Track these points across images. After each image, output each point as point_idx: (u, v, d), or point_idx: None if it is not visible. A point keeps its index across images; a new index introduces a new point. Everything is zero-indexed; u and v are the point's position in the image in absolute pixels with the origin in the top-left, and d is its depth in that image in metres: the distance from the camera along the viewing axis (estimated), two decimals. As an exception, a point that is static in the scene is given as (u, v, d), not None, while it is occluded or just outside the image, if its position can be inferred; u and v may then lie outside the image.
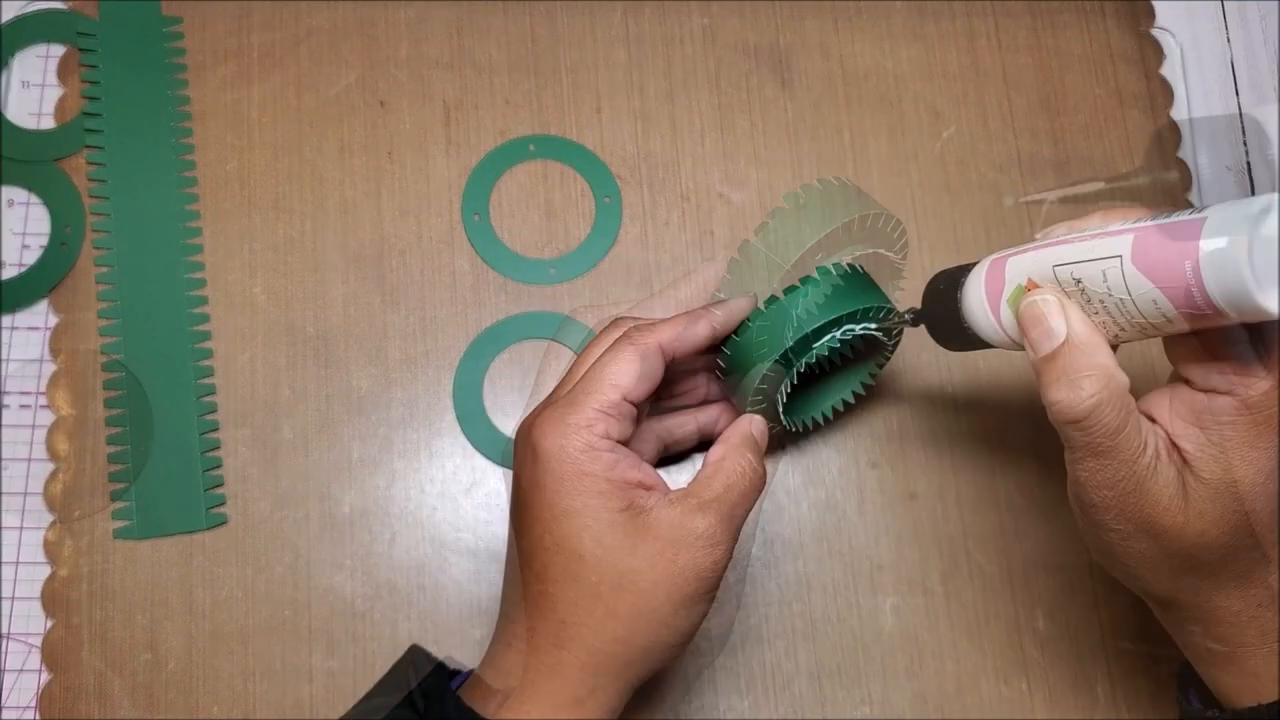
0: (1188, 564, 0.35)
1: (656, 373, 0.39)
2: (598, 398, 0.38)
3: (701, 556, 0.37)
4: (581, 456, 0.37)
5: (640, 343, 0.39)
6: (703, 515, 0.37)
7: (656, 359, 0.39)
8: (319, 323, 0.51)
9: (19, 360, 0.50)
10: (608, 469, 0.37)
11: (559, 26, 0.55)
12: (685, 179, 0.54)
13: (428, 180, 0.53)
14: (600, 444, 0.37)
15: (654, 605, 0.36)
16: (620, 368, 0.38)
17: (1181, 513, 0.33)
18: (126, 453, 0.49)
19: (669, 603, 0.37)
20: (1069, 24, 0.56)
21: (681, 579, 0.36)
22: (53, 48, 0.54)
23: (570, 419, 0.37)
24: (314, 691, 0.47)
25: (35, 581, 0.48)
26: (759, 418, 0.41)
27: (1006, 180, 0.54)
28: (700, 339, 0.40)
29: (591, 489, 0.37)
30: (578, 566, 0.37)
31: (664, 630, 0.37)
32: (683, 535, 0.37)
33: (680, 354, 0.40)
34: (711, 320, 0.40)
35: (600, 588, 0.36)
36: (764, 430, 0.41)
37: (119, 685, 0.47)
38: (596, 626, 0.36)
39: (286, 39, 0.55)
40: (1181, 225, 0.31)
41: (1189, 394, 0.34)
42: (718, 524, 0.37)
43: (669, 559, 0.36)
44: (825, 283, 0.40)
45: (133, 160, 0.52)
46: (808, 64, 0.55)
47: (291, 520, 0.49)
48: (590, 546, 0.36)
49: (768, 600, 0.49)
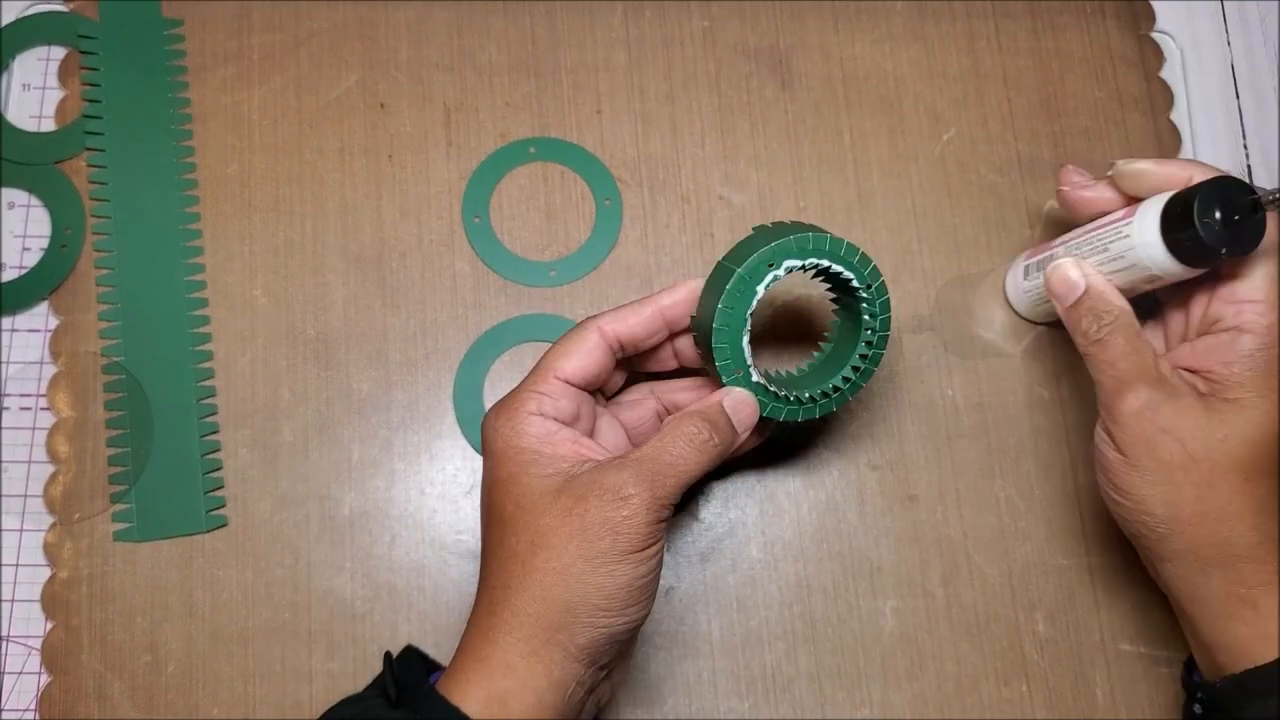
0: (1215, 484, 0.38)
1: (595, 352, 0.41)
2: (533, 379, 0.40)
3: (610, 510, 0.37)
4: (511, 432, 0.39)
5: (581, 327, 0.41)
6: (617, 470, 0.37)
7: (594, 339, 0.41)
8: (319, 325, 0.51)
9: (19, 362, 0.50)
10: (536, 442, 0.39)
11: (559, 28, 0.55)
12: (685, 181, 0.54)
13: (428, 182, 0.53)
14: (529, 420, 0.39)
15: (566, 561, 0.37)
16: (557, 350, 0.41)
17: (1205, 419, 0.38)
18: (127, 455, 0.49)
19: (582, 558, 0.37)
20: (1069, 26, 0.56)
21: (591, 533, 0.37)
22: (53, 50, 0.54)
23: (505, 401, 0.40)
24: (314, 693, 0.47)
25: (35, 583, 0.48)
26: (739, 390, 0.41)
27: (1006, 182, 0.54)
28: (647, 320, 0.41)
29: (517, 459, 0.38)
30: (501, 531, 0.38)
31: (583, 588, 0.37)
32: (592, 488, 0.37)
33: (630, 337, 0.41)
34: (658, 303, 0.42)
35: (518, 548, 0.37)
36: (742, 402, 0.41)
37: (119, 687, 0.47)
38: (517, 588, 0.37)
39: (287, 41, 0.55)
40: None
41: (1210, 339, 0.40)
42: (631, 479, 0.37)
43: (579, 514, 0.37)
44: (756, 232, 0.42)
45: (133, 162, 0.52)
46: (808, 66, 0.55)
47: (291, 522, 0.49)
48: (512, 510, 0.38)
49: (768, 602, 0.49)
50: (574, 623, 0.37)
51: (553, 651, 0.37)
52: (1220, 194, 0.40)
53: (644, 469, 0.38)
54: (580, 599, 0.37)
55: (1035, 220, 0.54)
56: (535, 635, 0.37)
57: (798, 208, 0.53)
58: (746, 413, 0.41)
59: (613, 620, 0.37)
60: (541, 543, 0.37)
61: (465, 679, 0.37)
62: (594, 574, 0.37)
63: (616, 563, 0.37)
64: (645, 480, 0.37)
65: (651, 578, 0.38)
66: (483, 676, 0.36)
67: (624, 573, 0.37)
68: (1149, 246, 0.42)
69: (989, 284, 0.53)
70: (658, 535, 0.38)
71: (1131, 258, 0.42)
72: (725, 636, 0.48)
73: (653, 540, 0.37)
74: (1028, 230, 0.53)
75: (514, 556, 0.37)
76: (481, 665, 0.37)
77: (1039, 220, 0.54)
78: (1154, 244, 0.41)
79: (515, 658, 0.36)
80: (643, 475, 0.37)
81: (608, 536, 0.37)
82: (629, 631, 0.38)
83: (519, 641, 0.37)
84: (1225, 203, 0.40)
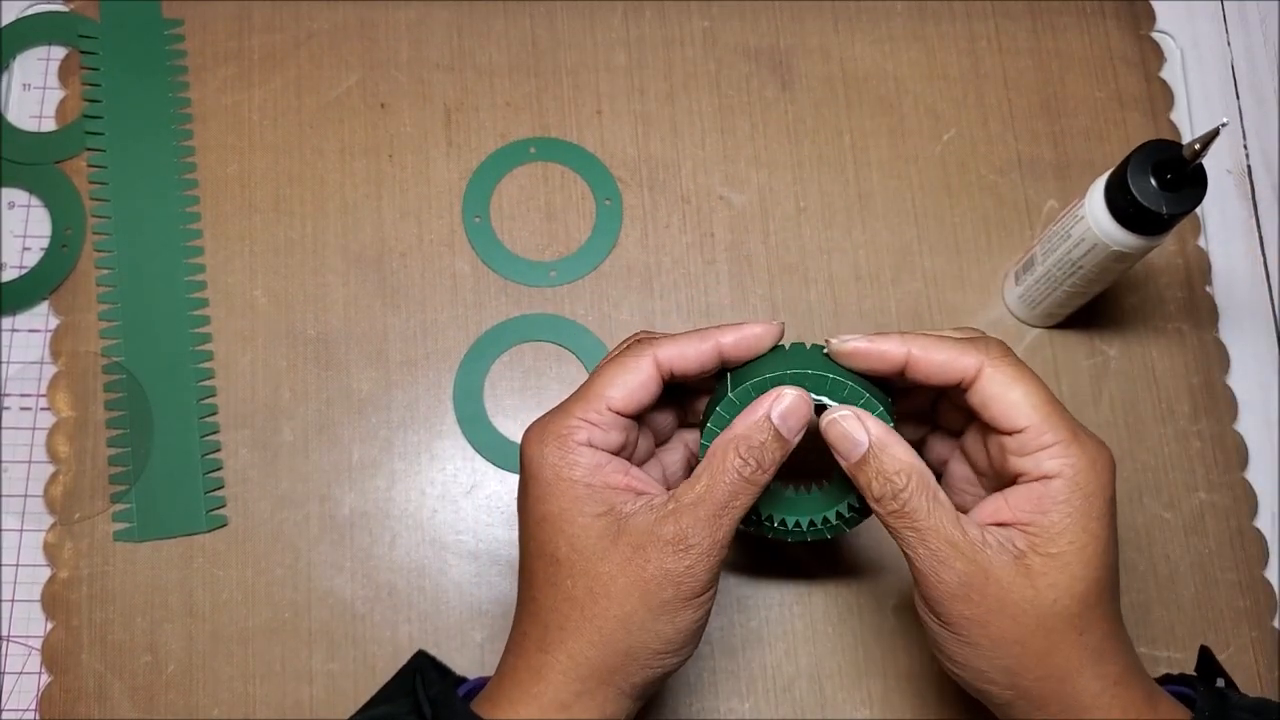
0: (1053, 647, 0.35)
1: (650, 384, 0.38)
2: (583, 405, 0.38)
3: (672, 561, 0.35)
4: (559, 462, 0.37)
5: (637, 354, 0.38)
6: (675, 519, 0.36)
7: (650, 371, 0.38)
8: (319, 325, 0.51)
9: (19, 362, 0.50)
10: (587, 474, 0.37)
11: (559, 29, 0.55)
12: (686, 181, 0.54)
13: (428, 182, 0.53)
14: (580, 450, 0.37)
15: (628, 611, 0.36)
16: (610, 377, 0.38)
17: (1031, 586, 0.35)
18: (127, 455, 0.49)
19: (644, 609, 0.36)
20: (1069, 26, 0.57)
21: (654, 584, 0.36)
22: (54, 50, 0.54)
23: (553, 426, 0.38)
24: (314, 693, 0.47)
25: (35, 584, 0.48)
26: (789, 394, 0.38)
27: (1007, 183, 0.54)
28: (704, 355, 0.39)
29: (568, 494, 0.37)
30: (555, 571, 0.37)
31: (644, 635, 0.36)
32: (652, 539, 0.36)
33: (683, 370, 0.39)
34: (719, 339, 0.39)
35: (575, 593, 0.36)
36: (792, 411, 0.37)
37: (119, 687, 0.47)
38: (574, 631, 0.36)
39: (287, 41, 0.55)
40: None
41: (1021, 489, 0.37)
42: (691, 527, 0.36)
43: (639, 564, 0.36)
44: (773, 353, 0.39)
45: (133, 162, 0.52)
46: (808, 66, 0.55)
47: (292, 522, 0.49)
48: (565, 551, 0.37)
49: (768, 602, 0.49)
50: (631, 664, 0.36)
51: (607, 691, 0.36)
52: (1150, 156, 0.41)
53: (700, 514, 0.36)
54: (641, 645, 0.36)
55: (1035, 220, 0.54)
56: (591, 677, 0.36)
57: (798, 208, 0.53)
58: (797, 419, 0.37)
59: (668, 660, 0.37)
60: (601, 591, 0.36)
61: (514, 711, 0.36)
62: (655, 622, 0.36)
63: (678, 610, 0.36)
64: (704, 526, 0.36)
65: (707, 615, 0.37)
66: (534, 711, 0.36)
67: (685, 618, 0.36)
68: (1100, 222, 0.43)
69: (988, 284, 0.53)
70: (718, 573, 0.37)
71: (1091, 238, 0.43)
72: (725, 636, 0.48)
73: (714, 581, 0.37)
74: (1027, 230, 0.53)
75: (570, 600, 0.36)
76: (533, 701, 0.36)
77: (1039, 220, 0.54)
78: (1103, 218, 0.43)
79: (569, 696, 0.36)
80: (699, 520, 0.36)
81: (670, 587, 0.36)
82: (680, 665, 0.38)
83: (574, 681, 0.36)
84: (1157, 164, 0.41)
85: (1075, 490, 0.36)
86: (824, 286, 0.52)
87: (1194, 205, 0.41)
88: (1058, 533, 0.35)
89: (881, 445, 0.37)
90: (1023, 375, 0.37)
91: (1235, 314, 0.53)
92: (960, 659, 0.37)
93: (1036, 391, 0.36)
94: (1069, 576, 0.35)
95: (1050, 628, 0.35)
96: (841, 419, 0.37)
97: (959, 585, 0.35)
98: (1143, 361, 0.52)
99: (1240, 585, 0.49)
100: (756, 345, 0.39)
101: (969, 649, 0.36)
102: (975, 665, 0.36)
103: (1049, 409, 0.36)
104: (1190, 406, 0.51)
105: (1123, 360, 0.52)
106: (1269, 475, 0.51)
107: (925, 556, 0.36)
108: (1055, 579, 0.35)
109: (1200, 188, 0.41)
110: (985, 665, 0.36)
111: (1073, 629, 0.36)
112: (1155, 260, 0.53)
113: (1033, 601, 0.35)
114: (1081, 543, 0.35)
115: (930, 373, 0.37)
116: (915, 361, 0.37)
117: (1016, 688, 0.36)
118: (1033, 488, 0.36)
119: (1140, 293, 0.53)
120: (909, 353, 0.37)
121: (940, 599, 0.36)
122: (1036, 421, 0.36)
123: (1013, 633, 0.35)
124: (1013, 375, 0.37)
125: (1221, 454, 0.51)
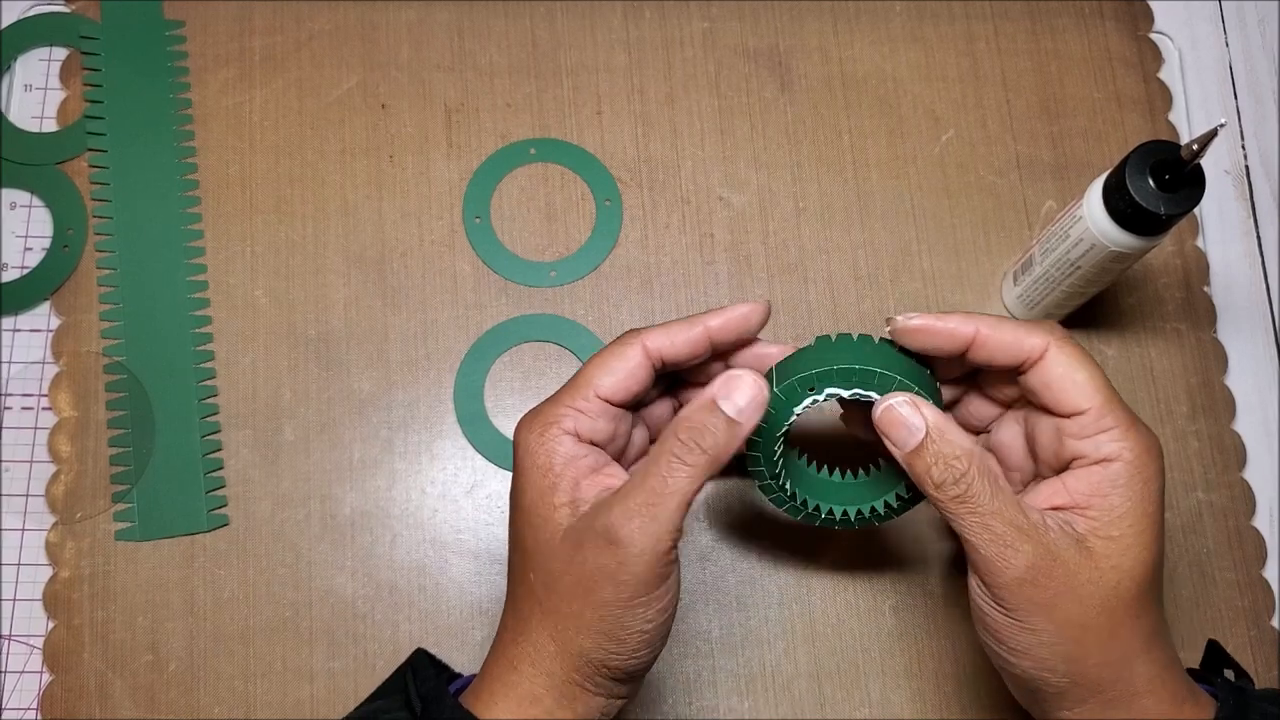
0: (1115, 632, 0.35)
1: (639, 372, 0.38)
2: (572, 393, 0.38)
3: (605, 556, 0.34)
4: (538, 450, 0.37)
5: (625, 342, 0.38)
6: (606, 510, 0.35)
7: (638, 359, 0.38)
8: (320, 325, 0.51)
9: (21, 362, 0.50)
10: (565, 463, 0.36)
11: (559, 29, 0.55)
12: (685, 182, 0.54)
13: (429, 183, 0.53)
14: (561, 439, 0.37)
15: (575, 610, 0.35)
16: (599, 365, 0.38)
17: (1095, 568, 0.35)
18: (128, 454, 0.49)
19: (589, 609, 0.35)
20: (1068, 27, 0.57)
21: (593, 582, 0.35)
22: (55, 51, 0.54)
23: (540, 414, 0.38)
24: (315, 692, 0.47)
25: (37, 583, 0.48)
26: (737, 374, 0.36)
27: (1005, 183, 0.54)
28: (693, 339, 0.39)
29: (542, 484, 0.36)
30: (523, 562, 0.37)
31: (594, 635, 0.35)
32: (588, 533, 0.35)
33: (674, 357, 0.39)
34: (706, 322, 0.39)
35: (535, 586, 0.36)
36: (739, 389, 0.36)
37: (120, 686, 0.47)
38: (537, 625, 0.36)
39: (288, 42, 0.55)
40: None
41: (1080, 472, 0.36)
42: (620, 518, 0.34)
43: (579, 560, 0.35)
44: (817, 343, 0.39)
45: (135, 163, 0.53)
46: (807, 67, 0.56)
47: (293, 521, 0.49)
48: (531, 543, 0.37)
49: (767, 602, 0.49)
50: (588, 665, 0.36)
51: (573, 689, 0.36)
52: (1148, 157, 0.41)
53: (631, 504, 0.34)
54: (593, 646, 0.35)
55: (1034, 221, 0.54)
56: (556, 672, 0.36)
57: (797, 208, 0.53)
58: (747, 399, 0.36)
59: (626, 661, 0.36)
60: (554, 586, 0.36)
61: (493, 700, 0.36)
62: (601, 622, 0.35)
63: (622, 610, 0.35)
64: (635, 516, 0.34)
65: (664, 619, 0.36)
66: (511, 703, 0.36)
67: (632, 620, 0.35)
68: (1098, 222, 0.43)
69: (987, 284, 0.53)
70: (665, 572, 0.35)
71: (1089, 239, 0.44)
72: (725, 636, 0.48)
73: (660, 580, 0.35)
74: (1026, 231, 0.54)
75: (532, 594, 0.36)
76: (510, 691, 0.36)
77: (1037, 221, 0.54)
78: (1101, 218, 0.43)
79: (540, 689, 0.36)
80: (631, 512, 0.34)
81: (608, 585, 0.34)
82: (648, 665, 0.37)
83: (542, 675, 0.36)
84: (1156, 165, 0.41)
85: (1136, 474, 0.35)
86: (823, 286, 0.53)
87: (1192, 206, 0.41)
88: (1119, 515, 0.35)
89: (939, 431, 0.36)
90: (1086, 359, 0.37)
91: (1233, 314, 0.53)
92: (1022, 647, 0.36)
93: (1099, 375, 0.37)
94: (1131, 559, 0.35)
95: (1113, 609, 0.35)
96: (897, 404, 0.37)
97: (1027, 570, 0.35)
98: (1141, 361, 0.52)
99: (1239, 585, 0.49)
100: (744, 325, 0.39)
101: (1031, 636, 0.35)
102: (1036, 653, 0.36)
103: (1110, 393, 0.36)
104: (1188, 406, 0.52)
105: (1121, 360, 0.52)
106: (1267, 475, 0.51)
107: (990, 542, 0.35)
108: (1118, 561, 0.35)
109: (1198, 188, 0.41)
110: (1047, 653, 0.36)
111: (1130, 613, 0.35)
112: (1153, 260, 0.53)
113: (1098, 584, 0.35)
114: (1141, 526, 0.35)
115: (995, 351, 0.37)
116: (983, 340, 0.37)
117: (1075, 674, 0.36)
118: (1093, 470, 0.36)
119: (1138, 293, 0.53)
120: (976, 330, 0.37)
121: (1007, 584, 0.35)
122: (1099, 404, 0.36)
123: (1079, 616, 0.35)
124: (1079, 358, 0.37)
125: (1220, 454, 0.51)
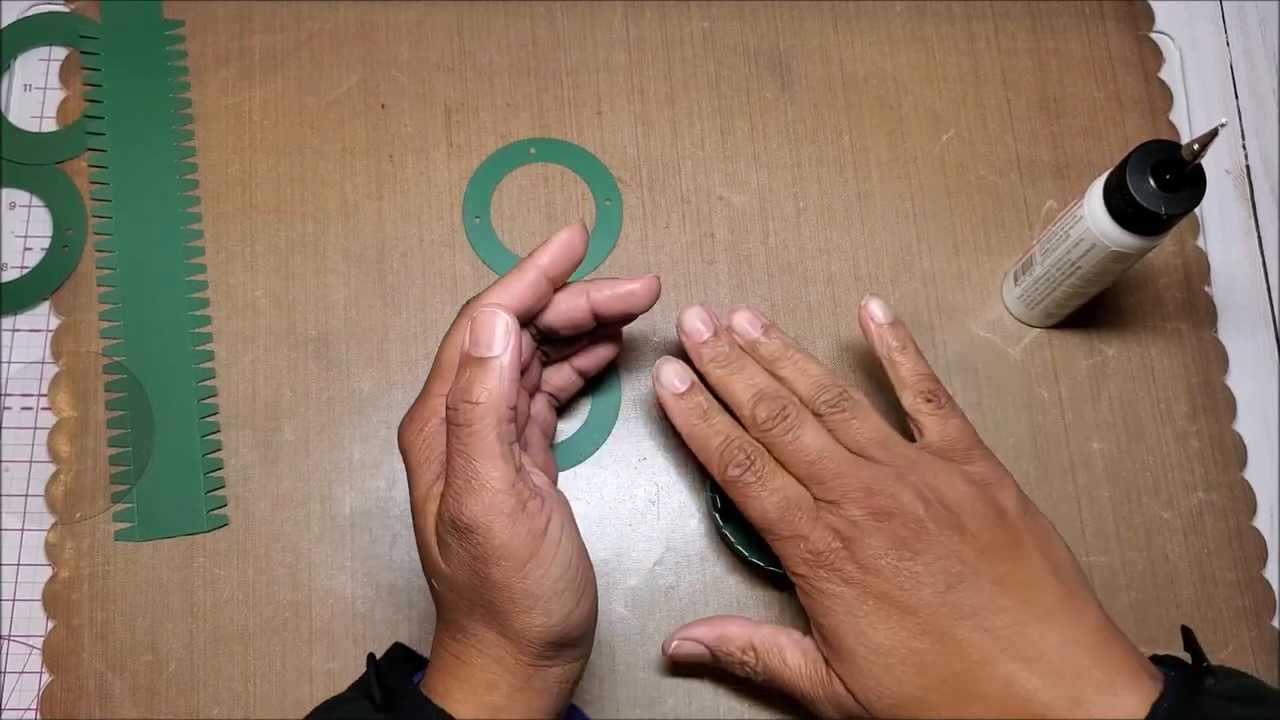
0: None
1: None
2: (438, 382, 0.38)
3: (468, 545, 0.34)
4: (421, 445, 0.37)
5: (469, 312, 0.38)
6: (443, 508, 0.35)
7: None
8: (320, 325, 0.51)
9: (21, 362, 0.50)
10: (428, 447, 0.37)
11: (559, 29, 0.55)
12: (685, 181, 0.54)
13: (429, 183, 0.53)
14: (431, 426, 0.37)
15: (485, 598, 0.35)
16: (450, 342, 0.38)
17: (826, 683, 0.40)
18: (128, 454, 0.49)
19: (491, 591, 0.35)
20: (1068, 27, 0.57)
21: (477, 568, 0.35)
22: (55, 50, 0.54)
23: (416, 413, 0.38)
24: (314, 692, 0.47)
25: (36, 583, 0.48)
26: (464, 347, 0.36)
27: (1006, 183, 0.54)
28: (530, 285, 0.38)
29: (427, 475, 0.37)
30: (426, 565, 0.38)
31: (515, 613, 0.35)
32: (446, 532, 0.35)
33: (522, 309, 0.38)
34: (536, 262, 0.39)
35: (445, 588, 0.37)
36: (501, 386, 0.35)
37: (120, 686, 0.47)
38: (466, 618, 0.36)
39: (288, 42, 0.55)
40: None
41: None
42: (457, 509, 0.34)
43: (458, 555, 0.35)
44: None
45: (134, 163, 0.52)
46: (808, 67, 0.55)
47: (292, 521, 0.49)
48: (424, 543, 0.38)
49: (768, 601, 0.49)
50: (528, 641, 0.35)
51: (525, 669, 0.36)
52: (1149, 156, 0.41)
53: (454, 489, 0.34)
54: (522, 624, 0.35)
55: (1034, 220, 0.54)
56: (505, 657, 0.35)
57: (797, 208, 0.53)
58: (486, 333, 0.35)
59: (561, 625, 0.35)
60: (457, 584, 0.36)
61: (448, 693, 0.36)
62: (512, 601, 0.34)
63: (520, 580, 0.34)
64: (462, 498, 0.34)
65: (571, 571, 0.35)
66: (468, 693, 0.36)
67: (538, 585, 0.34)
68: (1099, 222, 0.43)
69: (987, 284, 0.53)
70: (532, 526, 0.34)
71: (1090, 238, 0.44)
72: (725, 636, 0.48)
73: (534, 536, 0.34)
74: (1026, 230, 0.54)
75: (450, 592, 0.37)
76: (464, 684, 0.36)
77: (1038, 220, 0.54)
78: (1102, 218, 0.43)
79: (493, 675, 0.36)
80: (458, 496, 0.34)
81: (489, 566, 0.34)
82: (586, 620, 0.36)
83: (491, 662, 0.36)
84: (1156, 165, 0.41)
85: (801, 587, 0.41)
86: (823, 286, 0.53)
87: (1193, 206, 0.41)
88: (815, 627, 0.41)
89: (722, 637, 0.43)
90: None
91: (1234, 314, 0.53)
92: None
93: None
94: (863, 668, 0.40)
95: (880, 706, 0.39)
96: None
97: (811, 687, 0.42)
98: (1141, 361, 0.52)
99: (1239, 585, 0.49)
100: (571, 252, 0.39)
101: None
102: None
103: None
104: (1189, 406, 0.52)
105: (1122, 360, 0.52)
106: (1268, 475, 0.51)
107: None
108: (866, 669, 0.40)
109: (1199, 188, 0.41)
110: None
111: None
112: (1154, 260, 0.53)
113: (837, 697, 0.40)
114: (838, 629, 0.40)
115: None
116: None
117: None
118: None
119: (1139, 293, 0.53)
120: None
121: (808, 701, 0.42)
122: None
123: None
124: None
125: (1220, 454, 0.51)
